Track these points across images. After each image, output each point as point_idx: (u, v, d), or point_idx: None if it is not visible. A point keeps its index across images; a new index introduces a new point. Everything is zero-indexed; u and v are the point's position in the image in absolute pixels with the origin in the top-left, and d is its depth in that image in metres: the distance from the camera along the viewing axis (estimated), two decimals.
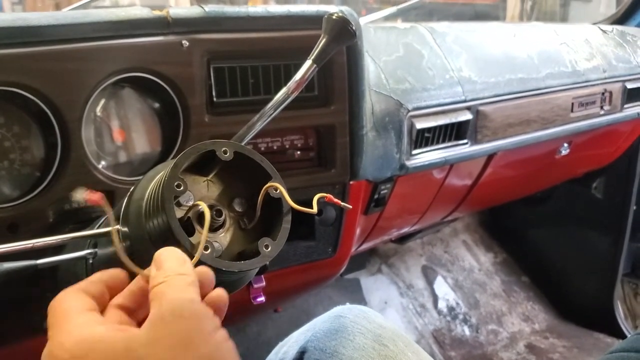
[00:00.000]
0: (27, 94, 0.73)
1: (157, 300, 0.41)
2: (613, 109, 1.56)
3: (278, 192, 0.52)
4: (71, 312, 0.43)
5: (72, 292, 0.45)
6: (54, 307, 0.44)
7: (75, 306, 0.44)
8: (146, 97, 0.86)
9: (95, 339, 0.40)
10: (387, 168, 1.07)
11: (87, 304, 0.44)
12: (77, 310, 0.43)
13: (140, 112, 0.86)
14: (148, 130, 0.87)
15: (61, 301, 0.44)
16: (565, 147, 1.58)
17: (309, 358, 0.73)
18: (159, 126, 0.87)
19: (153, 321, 0.40)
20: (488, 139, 1.26)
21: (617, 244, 2.05)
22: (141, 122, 0.87)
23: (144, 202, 0.51)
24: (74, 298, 0.45)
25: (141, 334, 0.40)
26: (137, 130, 0.86)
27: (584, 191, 2.03)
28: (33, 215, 0.76)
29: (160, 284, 0.42)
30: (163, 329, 0.40)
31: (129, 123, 0.86)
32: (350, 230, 1.06)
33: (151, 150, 0.87)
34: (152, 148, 0.87)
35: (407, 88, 1.11)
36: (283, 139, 0.96)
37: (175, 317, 0.40)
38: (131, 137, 0.86)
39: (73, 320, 0.42)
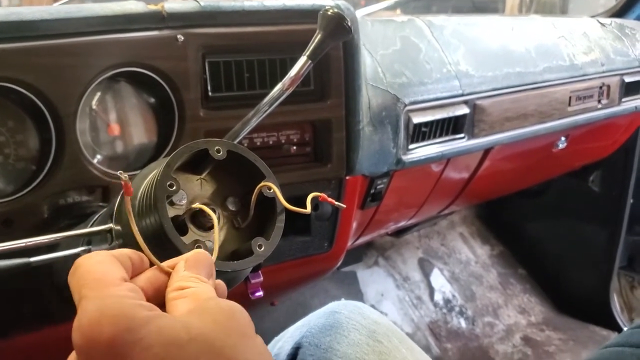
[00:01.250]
0: (21, 89, 0.72)
1: (191, 299, 0.38)
2: (611, 102, 1.56)
3: (272, 191, 0.52)
4: (109, 276, 0.38)
5: (108, 257, 0.40)
6: (87, 267, 0.39)
7: (113, 273, 0.39)
8: (141, 91, 0.85)
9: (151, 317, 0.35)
10: (384, 163, 1.07)
11: (122, 274, 0.39)
12: (115, 278, 0.38)
13: (135, 106, 0.86)
14: (143, 125, 0.87)
15: (98, 263, 0.39)
16: (563, 141, 1.58)
17: (304, 354, 0.73)
18: (154, 120, 0.87)
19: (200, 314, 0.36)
20: (485, 133, 1.26)
21: (613, 237, 2.05)
22: (136, 116, 0.86)
23: (136, 201, 0.51)
24: (111, 263, 0.40)
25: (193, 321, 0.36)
26: (132, 124, 0.86)
27: (581, 184, 2.03)
28: (28, 211, 0.76)
29: (193, 288, 0.39)
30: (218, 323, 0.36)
31: (124, 117, 0.85)
32: (347, 225, 1.06)
33: (146, 145, 0.86)
34: (147, 142, 0.87)
35: (404, 82, 1.10)
36: (279, 134, 0.96)
37: (226, 315, 0.37)
38: (126, 131, 0.85)
39: (114, 290, 0.37)
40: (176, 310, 0.38)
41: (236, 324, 0.37)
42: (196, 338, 0.34)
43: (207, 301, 0.38)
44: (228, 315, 0.37)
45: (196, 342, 0.34)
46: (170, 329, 0.35)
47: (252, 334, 0.37)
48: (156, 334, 0.34)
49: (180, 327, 0.35)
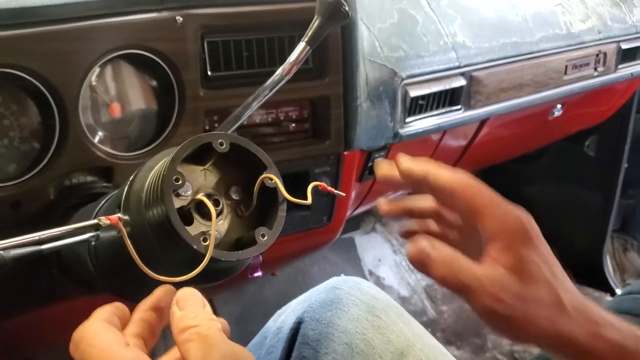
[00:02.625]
0: (25, 75, 0.73)
1: (199, 343, 0.41)
2: (607, 70, 1.56)
3: (273, 182, 0.54)
4: (113, 345, 0.42)
5: (101, 325, 0.45)
6: (88, 341, 0.43)
7: (114, 340, 0.43)
8: (141, 72, 0.86)
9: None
10: (381, 137, 1.09)
11: (120, 337, 0.44)
12: (118, 343, 0.43)
13: (136, 86, 0.87)
14: (144, 105, 0.88)
15: (96, 333, 0.43)
16: (559, 109, 1.59)
17: (306, 328, 0.77)
18: (154, 101, 0.88)
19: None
20: (481, 104, 1.27)
21: (607, 200, 2.09)
22: (137, 97, 0.87)
23: (143, 193, 0.53)
24: (107, 330, 0.44)
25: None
26: (132, 105, 0.87)
27: (576, 149, 2.05)
28: (34, 193, 0.78)
29: (196, 327, 0.42)
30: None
31: (125, 98, 0.86)
32: (345, 199, 1.08)
33: (147, 125, 0.88)
34: (148, 123, 0.88)
35: (401, 56, 1.11)
36: (278, 111, 0.97)
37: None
38: (127, 112, 0.87)
39: (121, 353, 0.42)
40: (190, 356, 0.41)
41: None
42: None
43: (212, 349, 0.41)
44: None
45: None
46: None
47: None
48: None
49: None
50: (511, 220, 0.52)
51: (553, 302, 0.51)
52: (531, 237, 0.52)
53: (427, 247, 0.52)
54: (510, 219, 0.52)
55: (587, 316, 0.52)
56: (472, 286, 0.50)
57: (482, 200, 0.53)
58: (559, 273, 0.53)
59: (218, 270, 0.54)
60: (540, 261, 0.52)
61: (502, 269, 0.51)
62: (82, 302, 0.87)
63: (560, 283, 0.52)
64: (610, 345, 0.51)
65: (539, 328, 0.51)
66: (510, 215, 0.53)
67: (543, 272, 0.51)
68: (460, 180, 0.54)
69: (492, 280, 0.50)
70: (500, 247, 0.51)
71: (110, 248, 0.59)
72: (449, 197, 0.54)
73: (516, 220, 0.52)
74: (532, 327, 0.50)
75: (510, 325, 0.51)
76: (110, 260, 0.61)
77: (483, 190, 0.54)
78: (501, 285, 0.50)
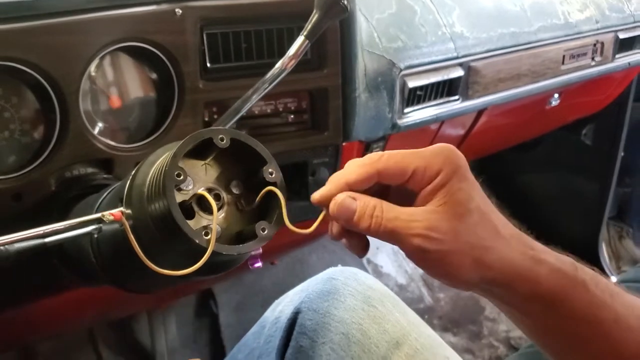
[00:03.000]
0: (25, 68, 0.74)
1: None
2: (604, 59, 1.57)
3: (274, 176, 0.55)
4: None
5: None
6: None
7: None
8: (141, 64, 0.87)
9: None
10: (380, 128, 1.09)
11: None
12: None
13: (135, 78, 0.88)
14: (143, 97, 0.88)
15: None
16: (556, 98, 1.60)
17: (303, 318, 0.78)
18: (154, 92, 0.88)
19: None
20: (479, 95, 1.28)
21: (604, 188, 2.10)
22: (136, 89, 0.88)
23: (145, 187, 0.54)
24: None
25: None
26: (132, 96, 0.88)
27: (573, 138, 2.06)
28: (36, 185, 0.79)
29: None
30: None
31: (125, 89, 0.87)
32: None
33: (147, 117, 0.89)
34: (147, 114, 0.89)
35: (400, 46, 1.11)
36: (277, 102, 0.98)
37: None
38: (127, 104, 0.87)
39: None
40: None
41: None
42: None
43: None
44: None
45: None
46: None
47: None
48: None
49: None
50: (434, 158, 0.51)
51: (488, 229, 0.50)
52: (458, 166, 0.51)
53: (347, 201, 0.51)
54: (432, 158, 0.51)
55: (524, 241, 0.52)
56: (397, 230, 0.49)
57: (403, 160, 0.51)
58: (490, 203, 0.52)
59: (219, 263, 0.55)
60: (470, 190, 0.50)
61: (430, 207, 0.50)
62: (81, 292, 0.89)
63: (493, 211, 0.51)
64: (549, 269, 0.51)
65: (475, 260, 0.49)
66: (432, 154, 0.51)
67: (475, 200, 0.50)
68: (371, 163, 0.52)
69: (419, 220, 0.49)
70: (430, 188, 0.50)
71: (113, 240, 0.60)
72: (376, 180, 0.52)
73: (439, 156, 0.51)
74: (467, 260, 0.49)
75: (444, 263, 0.49)
76: (113, 253, 0.62)
77: (392, 155, 0.52)
78: (429, 223, 0.49)
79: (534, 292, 0.51)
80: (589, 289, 0.52)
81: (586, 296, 0.52)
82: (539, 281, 0.51)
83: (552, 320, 0.52)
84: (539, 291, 0.51)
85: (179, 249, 0.53)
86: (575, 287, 0.52)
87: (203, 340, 1.50)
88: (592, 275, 0.53)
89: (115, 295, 0.69)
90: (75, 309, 1.00)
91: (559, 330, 0.53)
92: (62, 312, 0.98)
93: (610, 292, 0.53)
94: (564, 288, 0.51)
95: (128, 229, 0.51)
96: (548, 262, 0.51)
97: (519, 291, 0.51)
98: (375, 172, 0.51)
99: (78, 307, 0.99)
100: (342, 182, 0.52)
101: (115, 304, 1.09)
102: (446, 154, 0.51)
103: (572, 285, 0.51)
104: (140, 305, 1.24)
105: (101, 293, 0.92)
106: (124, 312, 1.28)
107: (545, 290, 0.51)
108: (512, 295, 0.52)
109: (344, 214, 0.51)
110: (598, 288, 0.52)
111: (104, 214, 0.52)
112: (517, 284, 0.51)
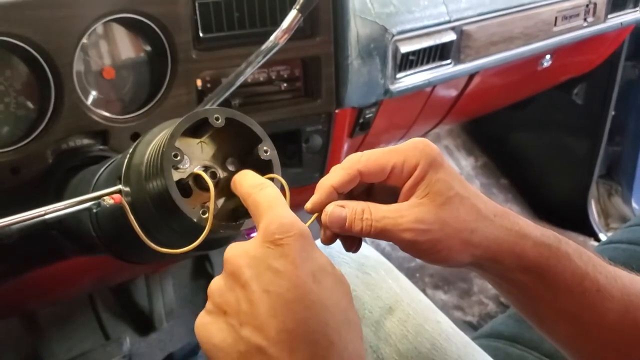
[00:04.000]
0: (18, 43, 0.74)
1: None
2: (597, 20, 1.56)
3: (269, 154, 0.56)
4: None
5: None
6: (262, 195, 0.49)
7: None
8: (134, 35, 0.87)
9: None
10: (372, 94, 1.10)
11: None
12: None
13: (129, 49, 0.88)
14: (137, 68, 0.89)
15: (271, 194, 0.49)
16: (547, 59, 1.60)
17: None
18: (147, 63, 0.89)
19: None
20: (471, 58, 1.28)
21: (594, 147, 2.12)
22: (130, 60, 0.88)
23: (143, 167, 0.55)
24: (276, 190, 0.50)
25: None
26: (126, 67, 0.88)
27: (564, 97, 2.07)
28: (33, 158, 0.80)
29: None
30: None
31: (118, 61, 0.87)
32: (337, 155, 1.10)
33: (140, 88, 0.89)
34: (141, 85, 0.89)
35: (392, 11, 1.11)
36: (269, 70, 0.98)
37: None
38: (120, 75, 0.88)
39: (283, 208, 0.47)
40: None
41: None
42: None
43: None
44: None
45: None
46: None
47: None
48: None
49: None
50: (409, 152, 0.53)
51: (471, 212, 0.52)
52: (434, 158, 0.53)
53: (336, 210, 0.53)
54: (408, 152, 0.53)
55: (508, 218, 0.54)
56: (387, 227, 0.52)
57: (381, 158, 0.54)
58: (470, 187, 0.54)
59: (216, 240, 0.57)
60: (448, 178, 0.52)
61: (414, 200, 0.52)
62: (80, 260, 0.91)
63: (474, 195, 0.53)
64: (533, 242, 0.53)
65: (464, 242, 0.52)
66: (407, 149, 0.53)
67: (454, 188, 0.52)
68: (351, 165, 0.55)
69: (406, 215, 0.51)
70: (410, 183, 0.53)
71: (112, 216, 0.62)
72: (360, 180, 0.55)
73: (414, 150, 0.53)
74: (456, 243, 0.52)
75: (436, 250, 0.52)
76: (112, 228, 0.64)
77: (371, 154, 0.54)
78: (415, 216, 0.51)
79: (520, 265, 0.53)
80: (572, 260, 0.54)
81: (569, 267, 0.54)
82: (524, 254, 0.53)
83: (537, 291, 0.55)
84: (525, 263, 0.53)
85: (177, 227, 0.54)
86: (559, 259, 0.54)
87: (199, 300, 1.53)
88: (575, 247, 0.55)
89: (114, 263, 0.70)
90: (75, 276, 1.02)
91: (544, 300, 0.55)
92: (62, 279, 1.00)
93: (593, 263, 0.55)
94: (548, 260, 0.54)
95: (128, 211, 0.53)
96: (532, 236, 0.54)
97: (506, 264, 0.53)
98: (357, 173, 0.54)
99: (77, 274, 1.01)
100: (328, 187, 0.54)
101: (114, 271, 1.11)
102: (421, 148, 0.53)
103: (556, 257, 0.54)
104: (139, 271, 1.26)
105: (100, 260, 0.94)
106: (122, 278, 1.30)
107: (530, 263, 0.53)
108: (500, 268, 0.54)
109: (336, 223, 0.53)
110: (581, 260, 0.55)
111: (104, 198, 0.53)
112: (503, 257, 0.53)
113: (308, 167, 1.06)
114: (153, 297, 1.44)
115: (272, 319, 0.42)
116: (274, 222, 0.45)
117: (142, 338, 1.45)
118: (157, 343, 1.45)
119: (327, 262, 0.46)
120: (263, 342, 0.42)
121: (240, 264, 0.44)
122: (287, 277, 0.43)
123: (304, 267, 0.44)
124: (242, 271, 0.44)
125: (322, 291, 0.44)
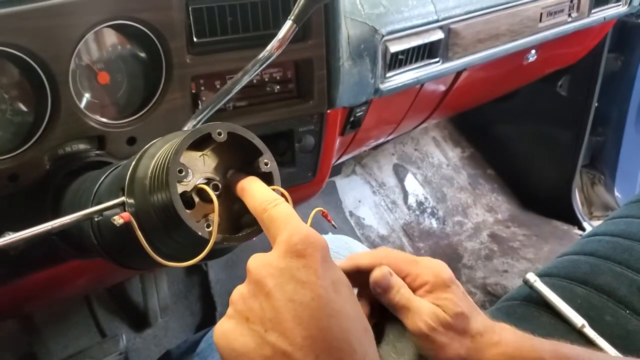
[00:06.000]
0: (15, 52, 0.74)
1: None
2: (581, 15, 1.59)
3: (269, 167, 0.58)
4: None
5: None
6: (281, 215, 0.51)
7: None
8: (128, 40, 0.87)
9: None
10: (363, 94, 1.12)
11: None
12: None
13: (123, 55, 0.89)
14: (131, 73, 0.89)
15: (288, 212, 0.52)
16: (533, 54, 1.62)
17: None
18: (142, 68, 0.89)
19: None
20: (459, 56, 1.30)
21: (578, 137, 2.16)
22: (124, 65, 0.89)
23: (147, 180, 0.56)
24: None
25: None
26: (120, 72, 0.89)
27: (549, 89, 2.10)
28: (31, 165, 0.81)
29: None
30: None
31: (113, 66, 0.88)
32: (329, 154, 1.12)
33: (135, 92, 0.90)
34: (136, 90, 0.90)
35: (382, 12, 1.13)
36: (262, 73, 0.99)
37: None
38: (115, 80, 0.88)
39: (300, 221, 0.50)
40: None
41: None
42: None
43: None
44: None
45: None
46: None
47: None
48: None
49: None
50: (424, 270, 0.60)
51: (466, 330, 0.58)
52: (443, 280, 0.59)
53: (387, 274, 0.59)
54: (423, 271, 0.60)
55: (491, 342, 0.59)
56: (412, 309, 0.58)
57: (399, 265, 0.61)
58: (472, 303, 0.61)
59: (220, 250, 0.58)
60: (458, 299, 0.59)
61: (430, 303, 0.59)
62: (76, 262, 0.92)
63: (473, 311, 0.60)
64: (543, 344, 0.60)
65: (464, 346, 0.58)
66: (423, 267, 0.61)
67: (459, 306, 0.58)
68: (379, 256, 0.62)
69: (426, 309, 0.58)
70: (420, 293, 0.59)
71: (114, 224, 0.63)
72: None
73: (428, 270, 0.60)
74: (457, 346, 0.58)
75: (437, 347, 0.57)
76: (114, 238, 0.65)
77: (400, 254, 0.62)
78: (435, 315, 0.57)
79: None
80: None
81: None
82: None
83: None
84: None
85: (181, 240, 0.56)
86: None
87: (194, 296, 1.55)
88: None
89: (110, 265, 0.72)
90: (71, 279, 1.03)
91: None
92: (58, 281, 1.01)
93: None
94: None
95: (136, 228, 0.54)
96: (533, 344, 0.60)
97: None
98: (378, 263, 0.60)
99: (73, 276, 1.02)
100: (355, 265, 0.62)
101: (110, 273, 1.13)
102: (435, 272, 0.60)
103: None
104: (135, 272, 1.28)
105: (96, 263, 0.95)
106: (118, 279, 1.32)
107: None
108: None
109: (384, 282, 0.58)
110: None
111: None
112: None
113: (301, 167, 1.07)
114: (148, 294, 1.45)
115: (298, 326, 0.45)
116: (296, 234, 0.48)
117: (137, 334, 1.47)
118: (152, 339, 1.47)
119: (342, 273, 0.49)
120: (289, 348, 0.44)
121: (264, 274, 0.47)
122: (310, 287, 0.46)
123: (325, 277, 0.46)
124: (266, 281, 0.47)
125: (343, 300, 0.47)
